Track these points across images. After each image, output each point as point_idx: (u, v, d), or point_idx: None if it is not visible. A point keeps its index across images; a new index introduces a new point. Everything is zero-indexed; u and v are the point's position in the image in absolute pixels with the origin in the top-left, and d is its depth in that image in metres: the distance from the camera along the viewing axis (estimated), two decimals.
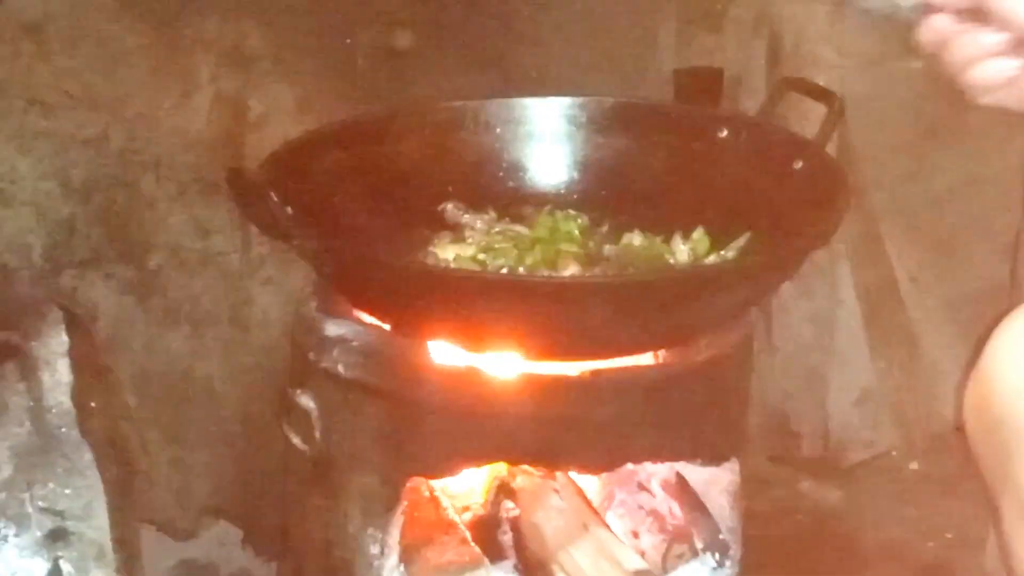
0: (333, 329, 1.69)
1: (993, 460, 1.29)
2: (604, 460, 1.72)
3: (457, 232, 1.82)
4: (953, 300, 2.50)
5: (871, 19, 1.30)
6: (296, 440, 1.72)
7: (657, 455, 1.75)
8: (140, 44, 1.99)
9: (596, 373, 1.63)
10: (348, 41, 2.09)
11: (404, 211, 1.83)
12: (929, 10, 1.26)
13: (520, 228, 1.81)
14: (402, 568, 1.71)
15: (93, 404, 1.82)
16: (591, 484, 1.83)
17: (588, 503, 1.79)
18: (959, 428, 1.42)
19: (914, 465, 2.52)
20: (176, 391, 2.12)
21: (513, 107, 1.92)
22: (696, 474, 1.82)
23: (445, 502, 1.78)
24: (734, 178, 1.82)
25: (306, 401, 1.70)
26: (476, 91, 2.02)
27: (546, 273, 1.73)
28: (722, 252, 1.74)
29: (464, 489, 1.80)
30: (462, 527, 1.75)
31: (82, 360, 1.81)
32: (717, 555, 1.82)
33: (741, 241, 1.74)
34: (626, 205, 1.87)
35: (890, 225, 2.46)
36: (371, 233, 1.78)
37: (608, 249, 1.79)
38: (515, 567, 1.74)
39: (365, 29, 2.10)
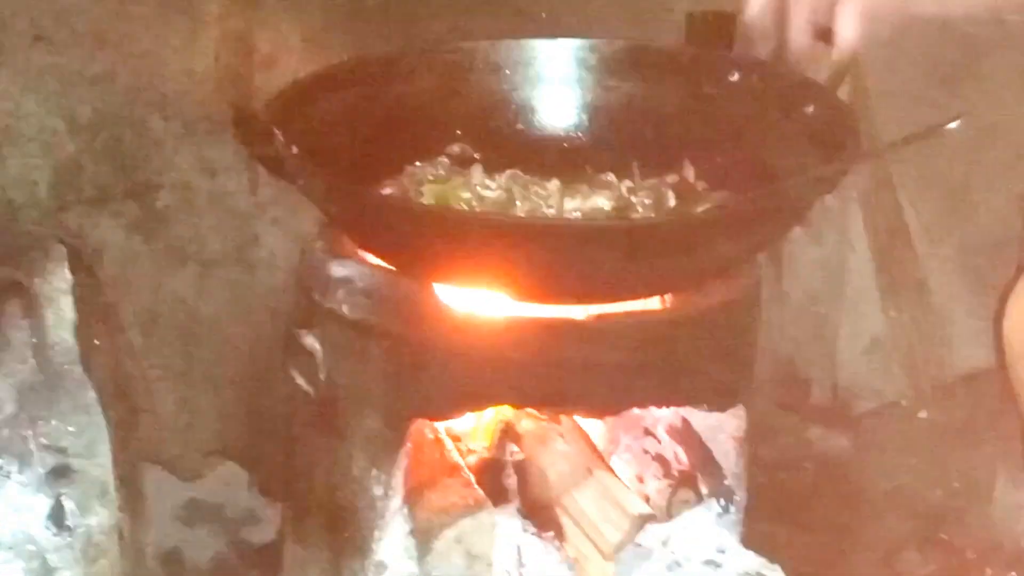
0: (339, 270, 1.68)
1: None
2: (609, 404, 1.71)
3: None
4: (965, 249, 2.49)
5: None
6: (301, 381, 1.72)
7: (662, 400, 1.74)
8: None
9: (602, 317, 1.63)
10: None
11: (411, 152, 1.82)
12: None
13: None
14: (406, 510, 1.71)
15: (97, 342, 1.82)
16: (596, 428, 1.82)
17: (593, 447, 1.79)
18: (999, 354, 1.40)
19: (923, 414, 2.51)
20: (182, 331, 2.12)
21: (523, 48, 1.91)
22: (702, 420, 1.82)
23: (449, 445, 1.77)
24: (745, 122, 1.80)
25: (311, 342, 1.70)
26: (486, 32, 2.00)
27: (552, 215, 1.72)
28: None
29: (469, 432, 1.80)
30: (466, 470, 1.75)
31: (86, 298, 1.81)
32: (722, 501, 1.81)
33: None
34: (636, 148, 1.86)
35: (903, 172, 2.44)
36: (377, 174, 1.77)
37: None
38: (519, 510, 1.74)
39: None
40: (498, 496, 1.74)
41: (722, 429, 1.82)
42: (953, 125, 1.60)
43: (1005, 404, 1.52)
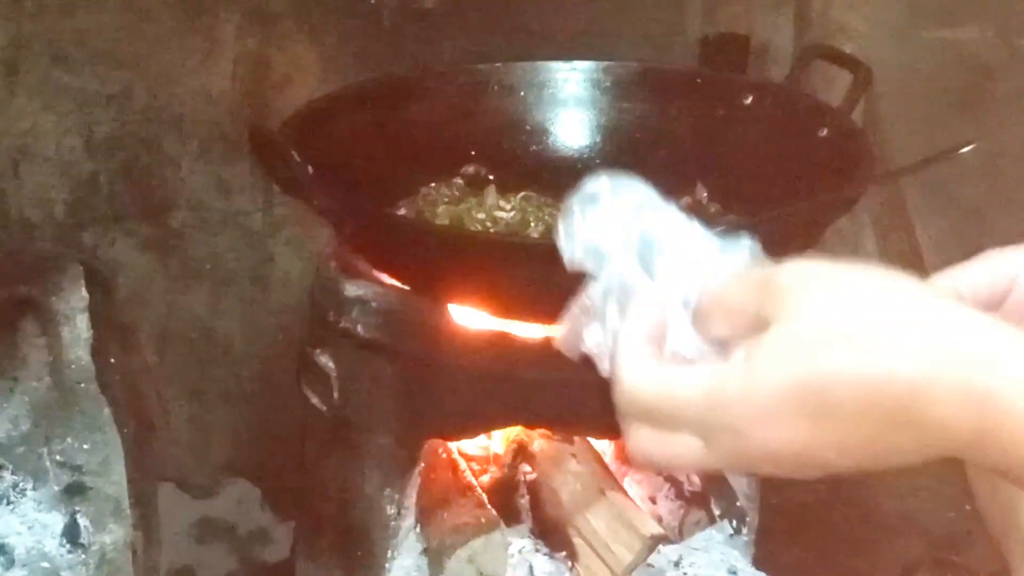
0: (352, 290, 1.68)
1: (998, 513, 1.19)
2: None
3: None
4: None
5: None
6: (314, 400, 1.72)
7: None
8: (164, 1, 1.99)
9: None
10: (373, 1, 2.09)
11: (426, 173, 1.83)
12: None
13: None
14: (418, 529, 1.71)
15: (112, 360, 1.82)
16: (609, 449, 1.83)
17: (606, 468, 1.79)
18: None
19: None
20: (196, 349, 2.12)
21: (538, 70, 1.92)
22: None
23: (462, 464, 1.78)
24: (758, 145, 1.81)
25: (325, 361, 1.70)
26: (501, 54, 2.01)
27: None
28: None
29: (482, 452, 1.80)
30: (479, 490, 1.75)
31: (101, 316, 1.81)
32: (734, 522, 1.81)
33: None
34: (649, 171, 1.86)
35: (916, 196, 2.44)
36: (392, 194, 1.78)
37: None
38: (531, 531, 1.74)
39: None
40: (510, 516, 1.74)
41: None
42: (967, 150, 1.60)
43: None
